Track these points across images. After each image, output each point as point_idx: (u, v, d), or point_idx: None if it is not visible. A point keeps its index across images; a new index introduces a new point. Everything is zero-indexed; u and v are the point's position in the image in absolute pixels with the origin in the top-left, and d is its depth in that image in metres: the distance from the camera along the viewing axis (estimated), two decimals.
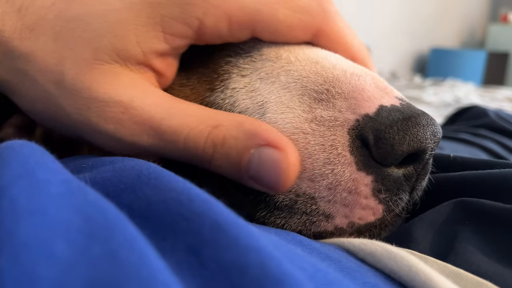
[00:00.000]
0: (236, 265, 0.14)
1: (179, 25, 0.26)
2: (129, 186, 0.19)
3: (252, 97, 0.28)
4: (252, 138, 0.24)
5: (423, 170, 0.27)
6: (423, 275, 0.19)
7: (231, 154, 0.24)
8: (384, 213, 0.26)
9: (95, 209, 0.15)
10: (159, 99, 0.26)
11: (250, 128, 0.24)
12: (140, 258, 0.13)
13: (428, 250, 0.24)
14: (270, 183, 0.24)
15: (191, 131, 0.25)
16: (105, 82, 0.26)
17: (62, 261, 0.12)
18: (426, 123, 0.25)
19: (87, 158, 0.25)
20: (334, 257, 0.21)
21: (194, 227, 0.16)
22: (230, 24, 0.27)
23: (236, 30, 0.27)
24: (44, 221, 0.13)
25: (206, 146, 0.25)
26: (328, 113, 0.26)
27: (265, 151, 0.24)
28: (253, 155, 0.24)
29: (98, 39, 0.26)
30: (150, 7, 0.26)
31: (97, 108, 0.26)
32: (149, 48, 0.26)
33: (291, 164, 0.23)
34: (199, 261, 0.15)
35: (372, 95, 0.26)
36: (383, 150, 0.24)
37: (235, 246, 0.14)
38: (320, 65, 0.27)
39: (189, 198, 0.17)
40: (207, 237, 0.15)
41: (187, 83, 0.30)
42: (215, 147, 0.25)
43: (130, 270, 0.12)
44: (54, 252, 0.12)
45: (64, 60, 0.26)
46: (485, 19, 4.63)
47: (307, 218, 0.26)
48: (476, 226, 0.25)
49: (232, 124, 0.25)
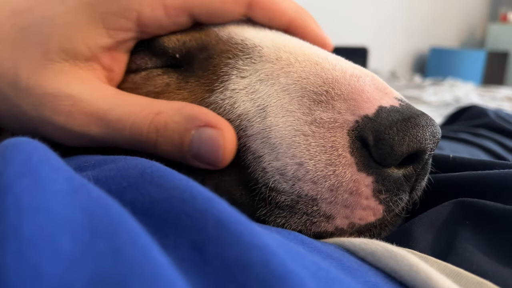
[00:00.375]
0: (240, 262, 0.14)
1: (119, 19, 0.29)
2: (132, 184, 0.19)
3: (253, 100, 0.28)
4: (191, 120, 0.27)
5: (423, 170, 0.27)
6: (423, 274, 0.19)
7: (173, 137, 0.27)
8: (384, 213, 0.26)
9: (98, 206, 0.15)
10: (106, 92, 0.29)
11: (189, 112, 0.27)
12: (144, 254, 0.13)
13: (428, 249, 0.24)
14: (211, 159, 0.26)
15: (135, 119, 0.27)
16: (56, 79, 0.28)
17: (67, 256, 0.12)
18: (426, 123, 0.25)
19: (89, 157, 0.25)
20: (335, 256, 0.21)
21: (198, 224, 0.16)
22: (167, 11, 0.29)
23: (174, 16, 0.30)
24: (49, 218, 0.13)
25: (150, 131, 0.27)
26: (327, 115, 0.26)
27: (204, 131, 0.26)
28: (193, 135, 0.27)
29: (48, 42, 0.28)
30: (90, 7, 0.28)
31: (49, 103, 0.28)
32: (94, 44, 0.29)
33: (227, 141, 0.26)
34: (203, 257, 0.15)
35: (371, 96, 0.26)
36: (382, 151, 0.24)
37: (239, 243, 0.14)
38: (320, 66, 0.27)
39: (192, 196, 0.17)
40: (210, 234, 0.15)
41: (185, 86, 0.31)
42: (158, 131, 0.27)
43: (134, 266, 0.12)
44: (59, 248, 0.12)
45: (19, 63, 0.28)
46: (485, 18, 4.63)
47: (308, 219, 0.26)
48: (476, 226, 0.25)
49: (173, 110, 0.28)
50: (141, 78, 0.32)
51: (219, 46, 0.31)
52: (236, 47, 0.30)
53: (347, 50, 2.50)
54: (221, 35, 0.32)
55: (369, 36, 3.07)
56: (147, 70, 0.32)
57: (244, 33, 0.32)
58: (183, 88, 0.30)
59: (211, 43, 0.31)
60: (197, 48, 0.32)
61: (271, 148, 0.26)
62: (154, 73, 0.32)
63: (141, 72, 0.32)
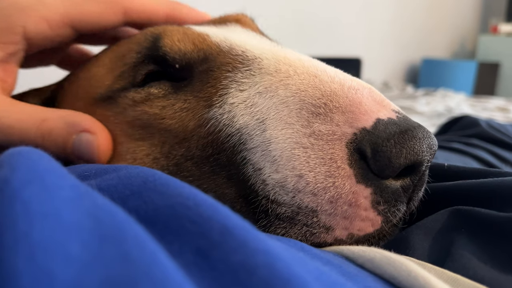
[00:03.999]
0: (245, 266, 0.14)
1: (7, 34, 0.33)
2: (135, 192, 0.19)
3: (252, 113, 0.28)
4: (73, 126, 0.31)
5: (420, 182, 0.27)
6: (422, 280, 0.20)
7: (57, 140, 0.31)
8: (383, 224, 0.26)
9: (104, 212, 0.15)
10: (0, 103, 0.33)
11: (72, 119, 0.32)
12: (152, 258, 0.13)
13: (425, 256, 0.25)
14: (89, 159, 0.31)
15: (23, 125, 0.32)
16: None
17: (78, 261, 0.12)
18: (423, 136, 0.26)
19: (90, 166, 0.26)
20: (335, 263, 0.21)
21: (203, 231, 0.16)
22: (50, 25, 0.34)
23: (57, 29, 0.35)
24: (58, 223, 0.14)
25: (37, 137, 0.31)
26: (326, 127, 0.26)
27: (83, 136, 0.31)
28: (75, 139, 0.31)
29: None
30: None
31: None
32: None
33: (101, 143, 0.31)
34: (208, 263, 0.15)
35: (369, 109, 0.26)
36: (380, 163, 0.25)
37: (244, 248, 0.15)
38: (319, 78, 0.28)
39: (196, 203, 0.17)
40: (215, 240, 0.15)
41: (183, 106, 0.31)
42: (43, 136, 0.32)
43: (143, 270, 0.12)
44: (70, 252, 0.13)
45: None
46: (476, 30, 4.69)
47: (308, 230, 0.26)
48: (472, 233, 0.25)
49: (57, 118, 0.32)
50: (141, 99, 0.32)
51: (219, 59, 0.31)
52: (236, 59, 0.31)
53: (341, 61, 2.52)
54: (222, 46, 0.32)
55: (363, 47, 3.10)
56: (147, 86, 0.33)
57: (245, 44, 0.32)
58: (179, 109, 0.31)
59: (212, 55, 0.32)
60: (197, 61, 0.32)
61: (271, 161, 0.26)
62: (153, 94, 0.32)
63: (141, 91, 0.33)
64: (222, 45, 0.32)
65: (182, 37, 0.33)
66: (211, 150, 0.29)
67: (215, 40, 0.33)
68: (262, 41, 0.35)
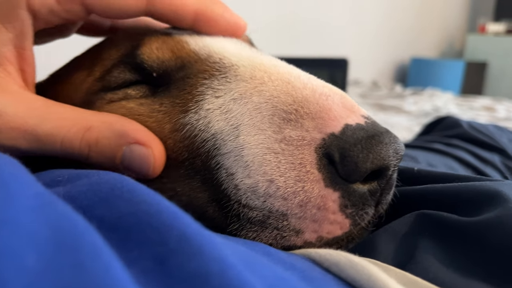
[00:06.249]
0: (199, 274, 0.15)
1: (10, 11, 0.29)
2: (103, 199, 0.20)
3: (227, 119, 0.28)
4: (122, 137, 0.28)
5: (387, 185, 0.28)
6: (381, 283, 0.20)
7: (105, 151, 0.28)
8: (351, 227, 0.27)
9: (65, 221, 0.16)
10: (32, 104, 0.29)
11: (120, 129, 0.28)
12: (105, 269, 0.13)
13: (390, 259, 0.25)
14: (141, 173, 0.28)
15: (66, 134, 0.28)
16: None
17: (31, 270, 0.13)
18: (389, 141, 0.26)
19: (62, 171, 0.26)
20: (298, 267, 0.22)
21: (162, 238, 0.16)
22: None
23: (65, 3, 0.30)
24: (15, 232, 0.14)
25: (82, 147, 0.28)
26: (296, 133, 0.27)
27: (135, 148, 0.28)
28: (125, 151, 0.28)
29: None
30: None
31: None
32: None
33: (157, 157, 0.28)
34: (165, 270, 0.15)
35: (338, 114, 0.27)
36: (348, 168, 0.25)
37: (199, 255, 0.15)
38: (291, 85, 0.28)
39: (159, 210, 0.18)
40: (173, 247, 0.16)
41: (159, 108, 0.31)
42: (90, 147, 0.28)
43: (95, 280, 0.13)
44: (24, 261, 0.13)
45: None
46: (464, 29, 4.73)
47: (278, 233, 0.27)
48: (435, 237, 0.26)
49: (103, 125, 0.29)
50: (118, 99, 0.33)
51: (196, 66, 0.32)
52: (214, 66, 0.31)
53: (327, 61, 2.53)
54: (200, 53, 0.32)
55: (352, 47, 3.11)
56: (124, 88, 0.33)
57: (224, 51, 0.32)
58: (157, 110, 0.31)
59: (189, 63, 0.32)
60: (174, 68, 0.33)
61: (243, 166, 0.27)
62: (130, 95, 0.33)
63: (118, 92, 0.33)
64: (201, 53, 0.33)
65: (161, 45, 0.34)
66: (187, 154, 0.29)
67: (194, 48, 0.33)
68: (241, 47, 0.35)
